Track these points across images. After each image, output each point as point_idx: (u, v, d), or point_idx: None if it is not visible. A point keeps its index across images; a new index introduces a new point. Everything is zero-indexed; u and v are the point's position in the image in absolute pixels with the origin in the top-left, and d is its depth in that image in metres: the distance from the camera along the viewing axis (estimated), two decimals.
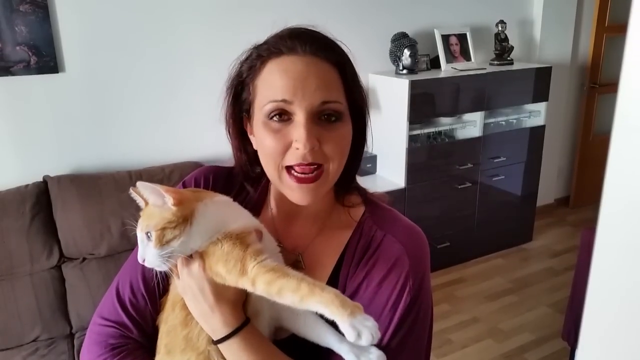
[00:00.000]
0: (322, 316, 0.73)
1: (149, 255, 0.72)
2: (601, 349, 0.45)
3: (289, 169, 0.76)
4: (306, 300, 0.66)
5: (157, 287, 0.84)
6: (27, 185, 2.16)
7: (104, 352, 0.81)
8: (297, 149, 0.74)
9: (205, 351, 0.76)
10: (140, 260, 0.73)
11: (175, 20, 2.51)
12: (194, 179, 0.91)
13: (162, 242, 0.71)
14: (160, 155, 2.53)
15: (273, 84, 0.75)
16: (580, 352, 0.46)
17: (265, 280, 0.68)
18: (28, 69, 2.23)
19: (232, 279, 0.71)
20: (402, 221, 0.85)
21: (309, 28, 0.80)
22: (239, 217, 0.78)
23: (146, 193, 0.74)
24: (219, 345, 0.75)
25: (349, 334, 0.63)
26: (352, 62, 0.82)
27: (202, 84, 2.51)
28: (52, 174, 2.24)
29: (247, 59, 0.80)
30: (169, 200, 0.72)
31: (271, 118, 0.75)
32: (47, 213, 2.14)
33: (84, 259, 2.19)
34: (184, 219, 0.72)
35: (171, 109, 2.57)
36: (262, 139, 0.77)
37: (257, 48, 0.79)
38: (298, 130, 0.73)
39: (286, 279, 0.67)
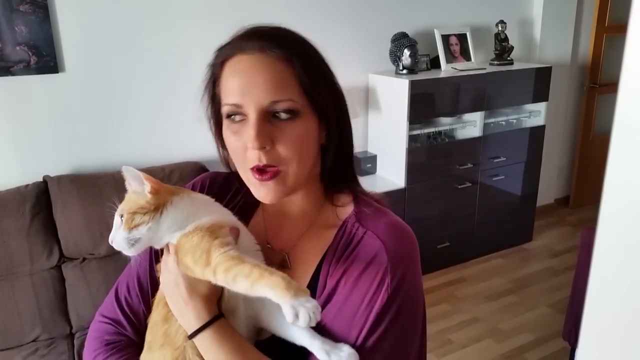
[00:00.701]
0: None
1: (117, 237, 0.76)
2: (601, 348, 0.45)
3: (252, 168, 0.78)
4: (255, 285, 0.66)
5: (150, 287, 0.87)
6: (27, 185, 2.17)
7: (99, 347, 0.85)
8: (250, 148, 0.74)
9: (182, 347, 0.77)
10: (109, 241, 0.77)
11: (175, 20, 2.51)
12: (192, 185, 0.94)
13: (130, 226, 0.74)
14: (161, 155, 2.54)
15: (227, 86, 0.76)
16: (581, 352, 0.46)
17: (224, 269, 0.69)
18: (28, 69, 2.23)
19: (198, 270, 0.73)
20: (387, 218, 0.82)
21: (265, 25, 0.79)
22: (213, 213, 0.79)
23: (129, 178, 0.77)
24: (193, 340, 0.76)
25: (288, 314, 0.63)
26: (320, 56, 0.80)
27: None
28: (52, 174, 2.24)
29: (213, 62, 0.81)
30: (147, 188, 0.76)
31: (229, 118, 0.77)
32: (47, 213, 2.14)
33: (84, 259, 2.19)
34: (156, 207, 0.76)
35: (171, 109, 2.57)
36: (227, 139, 0.79)
37: (219, 50, 0.80)
38: (248, 130, 0.74)
39: (241, 265, 0.69)
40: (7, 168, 2.28)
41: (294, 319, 0.63)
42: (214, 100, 0.82)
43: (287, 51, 0.74)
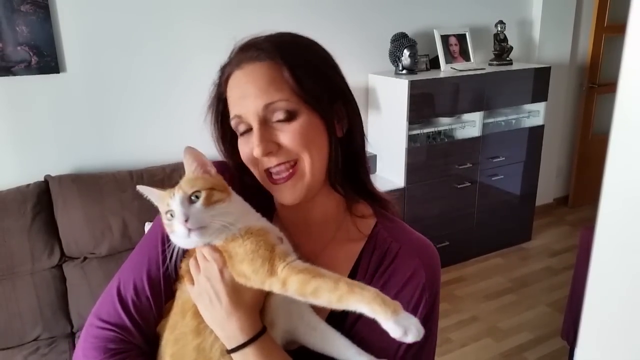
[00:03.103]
0: (343, 328, 0.75)
1: (194, 212, 0.70)
2: (600, 347, 0.46)
3: (267, 172, 0.78)
4: (345, 299, 0.65)
5: (162, 290, 0.79)
6: (28, 185, 2.17)
7: (104, 357, 0.75)
8: (257, 155, 0.76)
9: None
10: (182, 220, 0.70)
11: (176, 20, 2.51)
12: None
13: (211, 202, 0.72)
14: (161, 154, 2.53)
15: (230, 102, 0.79)
16: (580, 351, 0.46)
17: (299, 280, 0.67)
18: (29, 69, 2.23)
19: (258, 279, 0.70)
20: (415, 234, 0.86)
21: (257, 36, 0.80)
22: (260, 217, 0.78)
23: (189, 160, 0.77)
24: (233, 355, 0.72)
25: (395, 331, 0.63)
26: (316, 53, 0.81)
27: (203, 83, 2.51)
28: (53, 174, 2.24)
29: (217, 81, 0.83)
30: (213, 169, 0.77)
31: (237, 129, 0.79)
32: (48, 212, 2.14)
33: (85, 258, 2.20)
34: (225, 189, 0.75)
35: (172, 109, 2.58)
36: (240, 151, 0.80)
37: (221, 69, 0.82)
38: (253, 138, 0.76)
39: (322, 278, 0.67)
40: (9, 168, 2.28)
41: (402, 335, 0.63)
42: (222, 120, 0.83)
43: (273, 56, 0.75)
